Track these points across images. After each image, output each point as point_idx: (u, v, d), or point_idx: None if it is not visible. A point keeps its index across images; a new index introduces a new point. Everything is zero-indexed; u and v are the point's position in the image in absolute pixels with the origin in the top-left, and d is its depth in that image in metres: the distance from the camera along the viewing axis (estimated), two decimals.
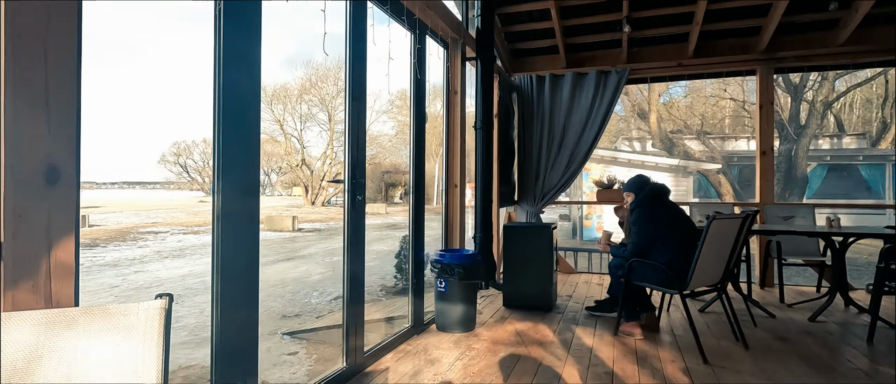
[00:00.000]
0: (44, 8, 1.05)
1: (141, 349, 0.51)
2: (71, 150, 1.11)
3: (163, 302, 0.55)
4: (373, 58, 2.69)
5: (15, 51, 1.00)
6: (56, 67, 1.08)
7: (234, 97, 1.71)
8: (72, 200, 1.12)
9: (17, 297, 1.02)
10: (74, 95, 1.11)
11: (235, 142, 1.73)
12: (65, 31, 1.09)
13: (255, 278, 1.82)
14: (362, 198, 2.54)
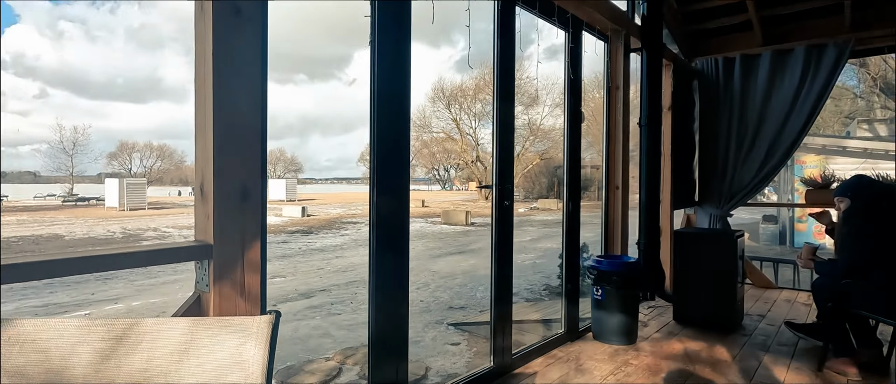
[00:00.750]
0: (245, 90, 1.35)
1: (253, 349, 0.66)
2: (258, 176, 1.41)
3: (271, 317, 0.69)
4: (545, 50, 2.74)
5: (218, 108, 1.30)
6: (248, 113, 1.37)
7: (386, 100, 1.92)
8: (258, 213, 1.42)
9: (222, 287, 1.35)
10: (260, 135, 1.40)
11: (388, 144, 1.94)
12: (256, 89, 1.38)
13: (405, 272, 2.01)
14: (510, 202, 2.59)
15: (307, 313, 5.54)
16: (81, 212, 22.85)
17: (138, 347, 0.67)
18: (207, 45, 1.33)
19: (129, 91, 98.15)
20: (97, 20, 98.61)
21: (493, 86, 2.59)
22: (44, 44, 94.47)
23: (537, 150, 31.95)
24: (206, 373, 0.64)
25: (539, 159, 31.40)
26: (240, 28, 1.34)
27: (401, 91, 1.98)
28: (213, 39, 1.31)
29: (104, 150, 62.57)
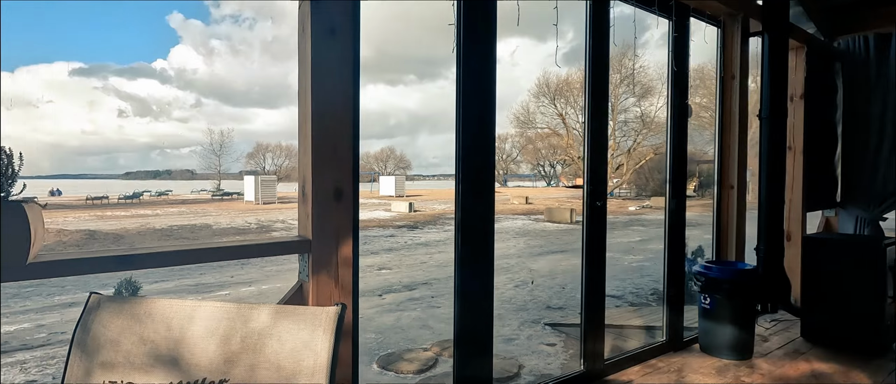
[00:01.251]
0: (339, 102, 1.50)
1: (321, 336, 0.75)
2: (350, 178, 1.55)
3: (337, 309, 0.78)
4: (662, 36, 2.63)
5: (315, 118, 1.46)
6: (341, 121, 1.52)
7: (472, 102, 1.98)
8: (350, 212, 1.56)
9: (320, 278, 1.51)
10: (352, 141, 1.54)
11: (473, 145, 2.00)
12: (348, 99, 1.53)
13: (490, 270, 2.06)
14: (603, 204, 2.50)
15: (409, 304, 5.83)
16: (226, 205, 26.33)
17: (236, 326, 0.80)
18: (307, 61, 1.50)
19: (264, 97, 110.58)
20: (239, 36, 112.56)
21: (584, 81, 2.52)
22: (198, 60, 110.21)
23: (651, 144, 29.85)
24: (285, 351, 0.76)
25: (653, 154, 29.30)
26: (334, 45, 1.49)
27: (486, 93, 2.02)
28: (312, 56, 1.48)
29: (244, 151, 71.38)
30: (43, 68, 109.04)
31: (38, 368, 3.97)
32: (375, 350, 4.19)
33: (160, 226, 15.38)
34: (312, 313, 0.76)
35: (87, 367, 0.79)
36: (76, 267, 1.17)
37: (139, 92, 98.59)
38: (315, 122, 1.48)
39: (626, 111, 30.53)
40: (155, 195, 35.03)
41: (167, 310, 0.82)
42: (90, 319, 0.84)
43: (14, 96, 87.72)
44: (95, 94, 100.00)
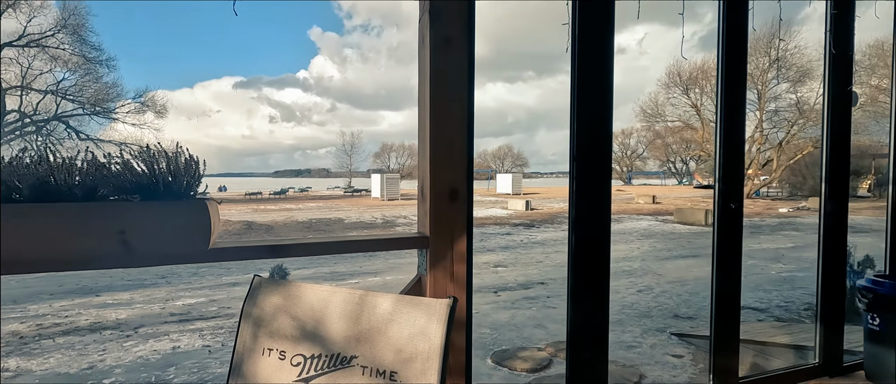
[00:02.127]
0: (455, 108, 1.59)
1: (434, 325, 0.83)
2: (464, 179, 1.63)
3: (449, 302, 0.85)
4: None
5: (433, 123, 1.57)
6: (457, 125, 1.61)
7: (587, 98, 1.95)
8: (465, 211, 1.64)
9: (436, 272, 1.62)
10: (466, 143, 1.62)
11: (587, 143, 1.96)
12: (463, 104, 1.61)
13: (605, 273, 2.00)
14: (737, 206, 2.27)
15: (524, 303, 5.84)
16: (355, 201, 28.67)
17: (363, 311, 0.92)
18: (426, 70, 1.61)
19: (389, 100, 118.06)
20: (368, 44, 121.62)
21: (717, 68, 2.31)
22: (334, 68, 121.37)
23: (810, 135, 25.77)
24: (404, 336, 0.85)
25: (812, 147, 25.26)
26: (450, 54, 1.58)
27: (602, 90, 1.97)
28: (430, 65, 1.58)
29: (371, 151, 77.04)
30: (213, 83, 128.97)
31: (211, 335, 4.76)
32: (490, 345, 4.28)
33: (302, 219, 17.31)
34: (428, 304, 0.85)
35: (253, 334, 0.97)
36: (242, 253, 1.41)
37: (285, 99, 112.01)
38: (433, 128, 1.58)
39: (777, 99, 26.75)
40: (298, 191, 39.43)
41: (310, 293, 0.97)
42: (255, 297, 1.03)
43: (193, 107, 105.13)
44: (252, 103, 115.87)
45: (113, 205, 1.21)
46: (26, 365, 4.05)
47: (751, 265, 7.97)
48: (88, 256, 1.20)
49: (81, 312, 5.64)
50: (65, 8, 29.53)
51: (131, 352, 4.30)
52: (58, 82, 29.45)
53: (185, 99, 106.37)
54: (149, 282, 7.23)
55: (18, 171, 1.17)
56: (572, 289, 1.97)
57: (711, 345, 2.34)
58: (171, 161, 1.29)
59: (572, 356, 1.99)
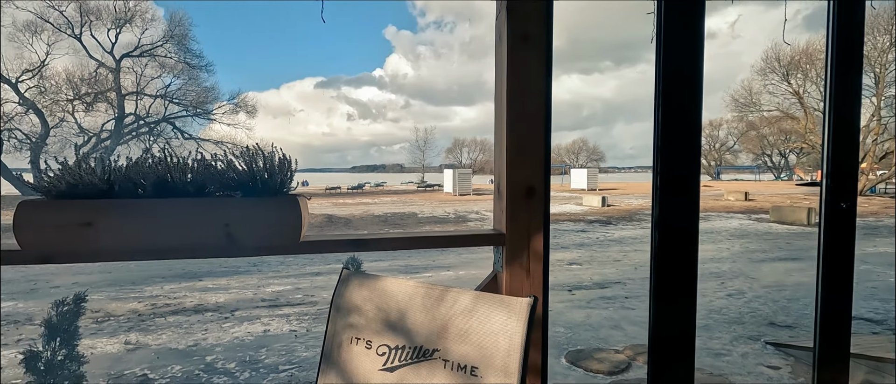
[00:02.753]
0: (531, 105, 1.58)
1: (514, 323, 0.83)
2: (541, 176, 1.61)
3: (529, 300, 0.85)
4: None
5: (510, 120, 1.56)
6: (534, 122, 1.60)
7: (672, 83, 1.85)
8: (541, 209, 1.63)
9: (512, 269, 1.62)
10: (544, 140, 1.60)
11: (674, 130, 1.86)
12: (540, 101, 1.59)
13: (692, 275, 1.89)
14: (849, 204, 2.04)
15: (600, 303, 5.65)
16: (428, 195, 29.21)
17: (444, 306, 0.95)
18: (503, 65, 1.61)
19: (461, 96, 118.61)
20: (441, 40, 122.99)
21: (826, 50, 2.08)
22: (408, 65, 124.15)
23: None
24: (483, 333, 0.87)
25: None
26: (527, 51, 1.57)
27: (690, 78, 1.86)
28: (507, 61, 1.58)
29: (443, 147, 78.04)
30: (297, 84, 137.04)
31: (297, 321, 5.10)
32: (564, 345, 4.19)
33: (378, 213, 17.95)
34: (508, 302, 0.86)
35: (341, 324, 1.04)
36: (329, 246, 1.51)
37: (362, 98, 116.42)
38: (509, 125, 1.58)
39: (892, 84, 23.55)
40: (373, 186, 40.93)
41: (394, 287, 1.02)
42: (343, 288, 1.09)
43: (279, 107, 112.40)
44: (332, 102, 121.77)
45: (219, 200, 1.34)
46: (144, 339, 4.58)
47: (864, 270, 7.12)
48: (199, 246, 1.34)
49: (187, 295, 6.27)
50: (171, 20, 32.79)
51: (229, 333, 4.72)
52: (166, 87, 32.81)
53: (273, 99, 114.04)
54: (243, 270, 7.87)
55: (143, 170, 1.33)
56: (655, 289, 1.88)
57: (815, 357, 2.13)
58: (267, 160, 1.40)
59: (654, 361, 1.90)
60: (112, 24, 30.53)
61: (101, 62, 30.87)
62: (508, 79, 1.58)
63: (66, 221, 1.24)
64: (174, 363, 3.97)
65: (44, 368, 2.60)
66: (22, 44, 29.02)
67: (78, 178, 1.25)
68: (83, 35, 30.12)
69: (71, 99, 29.61)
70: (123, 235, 1.28)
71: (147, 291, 6.48)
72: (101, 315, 5.36)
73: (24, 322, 5.12)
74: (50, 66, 29.18)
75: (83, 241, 1.25)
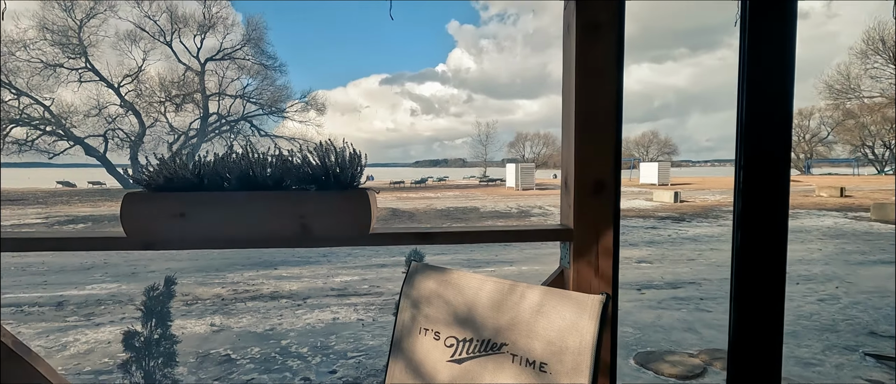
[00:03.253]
0: (601, 97, 1.52)
1: (586, 321, 0.81)
2: (611, 171, 1.56)
3: (602, 298, 0.82)
4: None
5: (578, 112, 1.52)
6: (604, 115, 1.54)
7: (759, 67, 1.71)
8: (611, 204, 1.57)
9: (580, 266, 1.58)
10: (614, 133, 1.54)
11: (761, 119, 1.72)
12: (611, 92, 1.54)
13: (780, 278, 1.75)
14: None
15: (672, 303, 5.37)
16: (490, 190, 29.11)
17: (513, 300, 0.94)
18: (571, 57, 1.57)
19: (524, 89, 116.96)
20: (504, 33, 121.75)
21: None
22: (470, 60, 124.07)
23: None
24: (552, 330, 0.85)
25: None
26: (598, 40, 1.51)
27: (780, 62, 1.71)
28: (576, 51, 1.53)
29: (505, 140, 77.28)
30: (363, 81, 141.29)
31: (364, 310, 5.29)
32: (632, 345, 4.04)
33: (440, 207, 18.16)
34: (579, 298, 0.83)
35: (411, 314, 1.07)
36: (396, 239, 1.54)
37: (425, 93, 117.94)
38: (578, 118, 1.54)
39: None
40: (436, 180, 41.42)
41: (464, 280, 1.02)
42: (412, 280, 1.12)
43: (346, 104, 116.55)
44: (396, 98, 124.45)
45: (296, 193, 1.41)
46: (226, 322, 4.94)
47: None
48: (277, 236, 1.42)
49: (264, 282, 6.69)
50: (248, 24, 34.94)
51: (301, 319, 4.98)
52: (244, 88, 35.08)
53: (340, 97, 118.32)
54: (313, 260, 8.27)
55: (228, 164, 1.43)
56: (737, 290, 1.76)
57: None
58: (339, 155, 1.45)
59: (735, 367, 1.78)
60: (198, 31, 33.08)
61: (188, 66, 33.56)
62: (577, 70, 1.53)
63: (163, 212, 1.36)
64: (253, 345, 4.25)
65: (141, 346, 2.88)
66: (123, 51, 32.21)
67: (173, 173, 1.37)
68: (173, 42, 32.88)
69: (163, 100, 32.47)
70: (212, 225, 1.38)
71: (229, 278, 6.99)
72: (190, 298, 5.85)
73: (125, 302, 5.70)
74: (145, 71, 32.15)
75: (178, 230, 1.37)
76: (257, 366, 3.80)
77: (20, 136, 28.79)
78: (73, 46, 29.08)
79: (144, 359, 2.84)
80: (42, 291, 6.25)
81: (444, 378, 0.94)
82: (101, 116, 30.54)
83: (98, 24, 29.75)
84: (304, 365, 3.82)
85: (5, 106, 27.91)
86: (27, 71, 28.00)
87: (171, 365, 2.94)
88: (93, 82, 30.30)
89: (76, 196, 25.13)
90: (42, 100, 28.83)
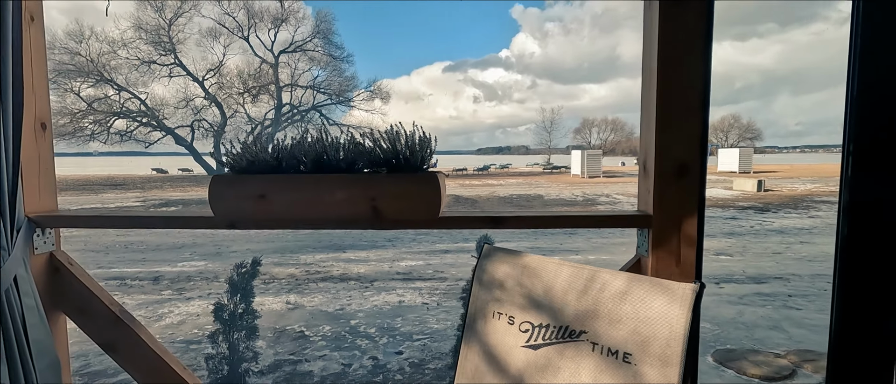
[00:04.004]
0: (687, 73, 1.41)
1: (677, 310, 0.74)
2: (696, 154, 1.44)
3: (695, 286, 0.75)
4: None
5: (661, 91, 1.42)
6: (689, 94, 1.43)
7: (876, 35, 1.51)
8: (696, 189, 1.46)
9: (659, 254, 1.48)
10: (700, 114, 1.43)
11: (875, 97, 1.53)
12: (697, 70, 1.42)
13: (894, 271, 1.55)
14: None
15: (755, 299, 4.99)
16: (554, 178, 28.48)
17: (593, 287, 0.90)
18: (653, 33, 1.46)
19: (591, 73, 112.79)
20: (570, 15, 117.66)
21: None
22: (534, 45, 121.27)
23: None
24: (638, 318, 0.80)
25: None
26: (683, 14, 1.40)
27: None
28: (659, 28, 1.43)
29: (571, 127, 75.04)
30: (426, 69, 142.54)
31: (428, 294, 5.38)
32: (710, 342, 3.80)
33: (503, 195, 18.03)
34: (669, 287, 0.78)
35: (483, 297, 1.05)
36: (465, 222, 1.53)
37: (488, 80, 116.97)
38: (660, 96, 1.44)
39: None
40: (498, 168, 41.13)
41: (538, 264, 0.99)
42: (485, 263, 1.10)
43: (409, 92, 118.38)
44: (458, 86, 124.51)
45: (367, 176, 1.44)
46: (300, 300, 5.22)
47: None
48: (349, 217, 1.46)
49: (333, 265, 6.99)
50: (317, 16, 36.24)
51: (369, 301, 5.16)
52: (314, 78, 36.54)
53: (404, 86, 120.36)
54: (379, 245, 8.52)
55: (304, 148, 1.47)
56: (841, 289, 1.58)
57: None
58: (408, 138, 1.46)
59: (836, 371, 1.61)
60: (272, 25, 34.81)
61: (263, 59, 35.47)
62: (660, 44, 1.43)
63: (246, 193, 1.43)
64: (325, 324, 4.46)
65: (228, 318, 3.10)
66: (206, 47, 34.63)
67: (254, 156, 1.44)
68: (250, 36, 34.84)
69: (241, 92, 34.59)
70: (289, 206, 1.44)
71: (302, 259, 7.36)
72: (268, 277, 6.23)
73: (212, 279, 6.17)
74: (225, 64, 34.38)
75: (259, 210, 1.44)
76: (329, 344, 3.98)
77: (121, 128, 31.92)
78: (163, 44, 31.69)
79: (230, 332, 3.06)
80: (141, 267, 6.92)
81: (518, 364, 0.92)
82: (188, 108, 33.16)
83: (184, 23, 32.17)
84: (371, 344, 3.96)
85: (108, 100, 31.02)
86: (126, 68, 30.93)
87: (252, 338, 3.15)
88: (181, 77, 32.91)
89: (168, 181, 27.58)
90: (138, 94, 31.74)
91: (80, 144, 30.50)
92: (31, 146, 1.58)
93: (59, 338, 1.65)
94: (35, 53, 1.58)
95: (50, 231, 1.62)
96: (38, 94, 1.60)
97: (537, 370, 0.88)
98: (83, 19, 40.60)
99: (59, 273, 1.64)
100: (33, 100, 1.58)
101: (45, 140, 1.66)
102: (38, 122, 1.62)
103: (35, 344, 1.39)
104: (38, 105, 1.60)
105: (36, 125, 1.61)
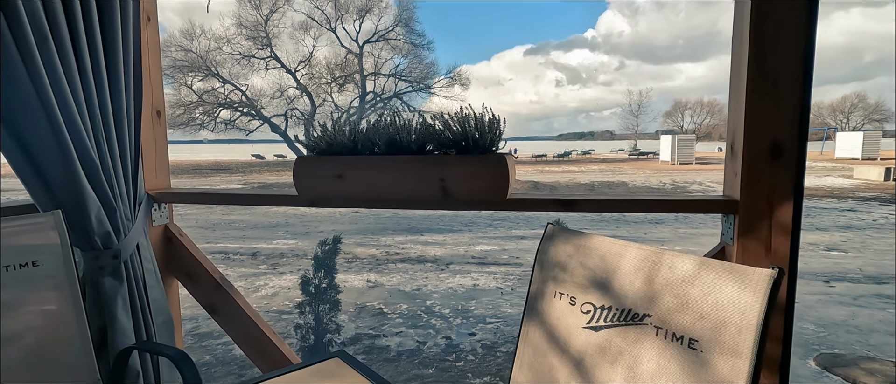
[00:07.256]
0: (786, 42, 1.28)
1: (750, 297, 0.69)
2: (794, 131, 1.31)
3: (772, 272, 0.69)
4: None
5: (752, 62, 1.30)
6: (787, 64, 1.29)
7: None
8: (792, 172, 1.32)
9: (746, 243, 1.37)
10: (800, 86, 1.29)
11: None
12: (800, 36, 1.28)
13: None
14: None
15: (872, 301, 4.42)
16: (641, 164, 26.95)
17: (661, 269, 0.86)
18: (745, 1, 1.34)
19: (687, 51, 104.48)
20: None
21: None
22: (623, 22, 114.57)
23: None
24: (708, 303, 0.75)
25: None
26: None
27: None
28: None
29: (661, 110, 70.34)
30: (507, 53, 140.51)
31: (502, 279, 5.39)
32: (814, 344, 3.44)
33: (584, 181, 17.43)
34: (742, 271, 0.72)
35: (544, 279, 1.05)
36: (535, 204, 1.52)
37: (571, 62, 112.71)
38: (751, 67, 1.31)
39: None
40: (580, 154, 39.71)
41: (602, 245, 0.97)
42: (548, 243, 1.09)
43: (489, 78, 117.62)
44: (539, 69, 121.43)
45: (437, 158, 1.47)
46: (379, 279, 5.47)
47: None
48: (419, 197, 1.51)
49: (411, 247, 7.22)
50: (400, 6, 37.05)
51: (444, 283, 5.28)
52: (396, 66, 37.51)
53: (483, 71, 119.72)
54: (456, 228, 8.65)
55: (378, 131, 1.54)
56: None
57: None
58: (478, 120, 1.47)
59: None
60: (356, 16, 36.14)
61: (349, 49, 37.00)
62: (754, 13, 1.30)
63: (325, 173, 1.53)
64: (402, 302, 4.64)
65: (314, 291, 3.34)
66: (298, 40, 36.78)
67: (333, 138, 1.53)
68: (336, 28, 36.47)
69: (329, 82, 36.44)
70: (364, 185, 1.52)
71: (382, 241, 7.69)
72: (350, 256, 6.59)
73: (301, 257, 6.65)
74: (314, 56, 36.37)
75: (337, 189, 1.53)
76: (405, 321, 4.15)
77: (226, 117, 35.08)
78: (261, 39, 34.19)
79: (315, 304, 3.29)
80: (241, 243, 7.63)
81: (579, 344, 0.91)
82: (282, 98, 35.63)
83: (279, 18, 34.43)
84: (445, 324, 4.06)
85: (215, 92, 34.19)
86: (229, 62, 33.85)
87: (336, 311, 3.37)
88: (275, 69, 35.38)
89: (265, 166, 29.96)
90: (240, 86, 34.63)
91: (192, 132, 33.98)
92: (148, 131, 1.80)
93: (172, 299, 1.88)
94: (151, 49, 1.79)
95: (165, 206, 1.84)
96: (154, 84, 1.82)
97: (598, 351, 0.86)
98: (195, 19, 44.79)
99: (171, 243, 1.87)
100: (150, 90, 1.79)
101: (160, 126, 1.88)
102: (154, 110, 1.84)
103: (153, 302, 1.60)
104: (154, 94, 1.82)
105: (152, 113, 1.83)
